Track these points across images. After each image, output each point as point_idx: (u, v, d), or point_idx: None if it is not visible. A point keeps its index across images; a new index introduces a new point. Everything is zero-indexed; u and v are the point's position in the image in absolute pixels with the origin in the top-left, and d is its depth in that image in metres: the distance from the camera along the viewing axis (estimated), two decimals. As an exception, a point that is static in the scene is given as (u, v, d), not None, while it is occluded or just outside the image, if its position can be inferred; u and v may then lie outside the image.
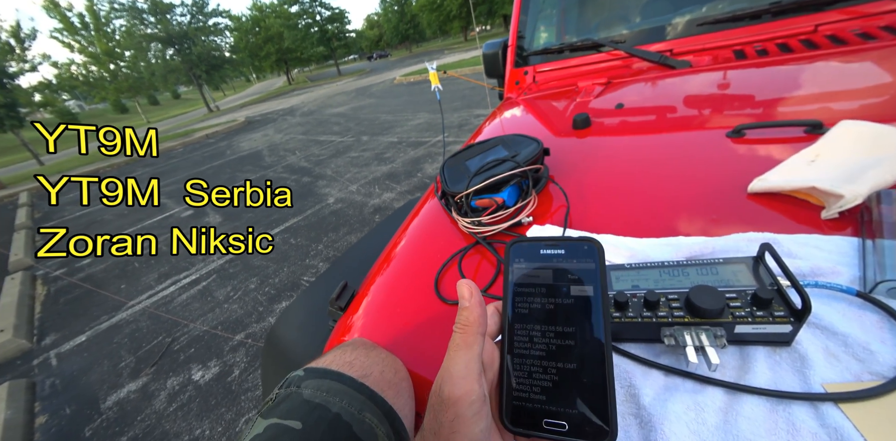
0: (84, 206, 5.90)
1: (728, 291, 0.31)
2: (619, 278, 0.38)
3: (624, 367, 0.32)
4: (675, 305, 0.32)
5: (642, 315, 0.32)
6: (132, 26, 19.59)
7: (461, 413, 0.20)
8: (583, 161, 0.69)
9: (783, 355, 0.29)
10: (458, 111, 6.19)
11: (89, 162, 10.28)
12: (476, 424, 0.21)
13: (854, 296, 0.30)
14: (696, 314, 0.30)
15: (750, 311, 0.29)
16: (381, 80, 16.99)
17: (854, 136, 0.47)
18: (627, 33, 1.24)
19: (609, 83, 1.05)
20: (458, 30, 38.14)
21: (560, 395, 0.23)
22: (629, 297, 0.34)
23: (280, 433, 0.31)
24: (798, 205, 0.43)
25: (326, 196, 3.82)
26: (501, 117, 1.16)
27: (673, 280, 0.35)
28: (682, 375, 0.30)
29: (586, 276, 0.25)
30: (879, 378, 0.25)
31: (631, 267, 0.38)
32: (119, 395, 1.85)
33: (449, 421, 0.20)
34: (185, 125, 16.52)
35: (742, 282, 0.32)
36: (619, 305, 0.33)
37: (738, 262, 0.34)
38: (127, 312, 2.57)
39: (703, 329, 0.30)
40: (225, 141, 9.39)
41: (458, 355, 0.22)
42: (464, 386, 0.21)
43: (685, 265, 0.36)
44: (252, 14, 30.41)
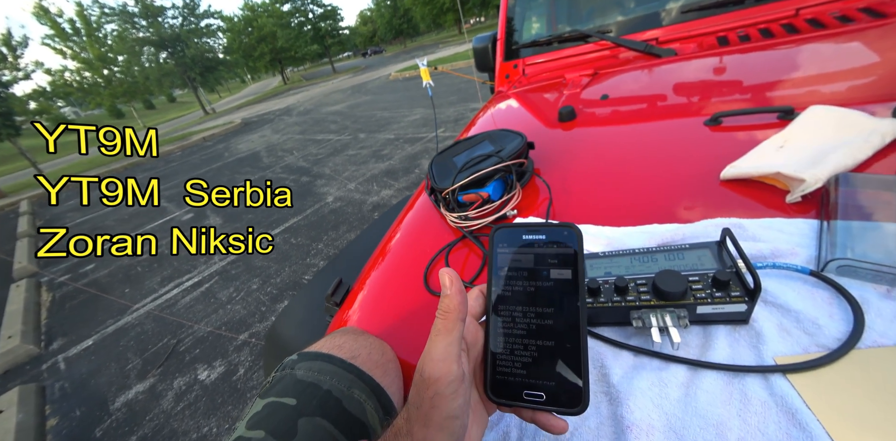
0: (86, 213, 5.93)
1: (691, 275, 0.33)
2: (594, 266, 0.39)
3: (597, 349, 0.34)
4: (643, 290, 0.34)
5: (612, 300, 0.34)
6: (124, 30, 19.44)
7: (440, 391, 0.22)
8: (567, 153, 0.70)
9: (741, 333, 0.31)
10: (454, 105, 6.17)
11: (87, 168, 10.28)
12: (454, 400, 0.23)
13: (808, 275, 0.32)
14: (662, 297, 0.32)
15: (710, 292, 0.31)
16: (376, 76, 16.89)
17: (821, 121, 0.49)
18: (616, 22, 1.24)
19: (596, 74, 1.06)
20: (452, 23, 37.76)
21: (538, 369, 0.25)
22: (601, 284, 0.36)
23: (277, 409, 0.34)
24: (765, 190, 0.45)
25: (325, 195, 3.84)
26: (491, 112, 1.17)
27: (643, 266, 0.37)
28: (648, 355, 0.32)
29: (565, 260, 0.26)
30: (825, 350, 0.27)
31: (605, 255, 0.40)
32: (127, 396, 1.89)
33: (429, 397, 0.23)
34: (182, 128, 16.48)
35: (705, 266, 0.34)
36: (592, 291, 0.35)
37: (703, 247, 0.36)
38: (132, 316, 2.60)
39: (667, 311, 0.32)
40: (223, 143, 9.38)
41: (439, 339, 0.23)
42: (442, 367, 0.22)
43: (654, 251, 0.38)
44: (244, 14, 30.13)
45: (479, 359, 0.27)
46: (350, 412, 0.35)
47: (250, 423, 0.33)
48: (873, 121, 0.46)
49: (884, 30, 0.71)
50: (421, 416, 0.23)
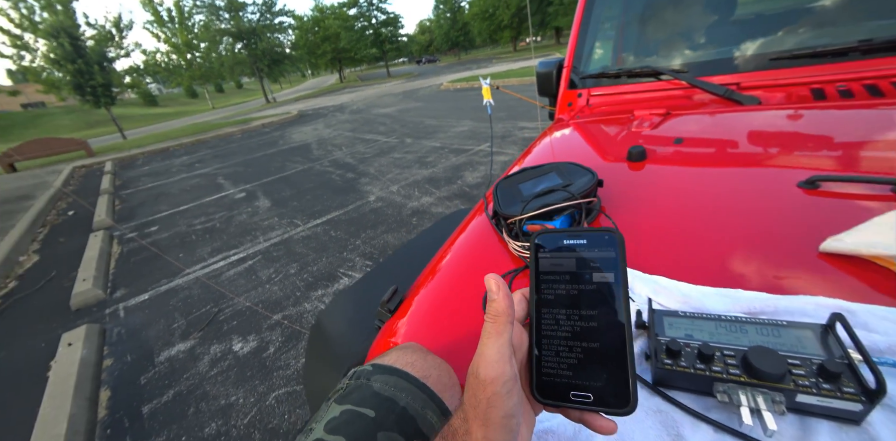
0: (156, 179, 6.54)
1: (791, 357, 0.31)
2: (672, 325, 0.37)
3: (672, 414, 0.32)
4: (731, 362, 0.32)
5: (696, 366, 0.32)
6: (209, 21, 21.47)
7: (497, 391, 0.23)
8: (636, 195, 0.68)
9: (851, 435, 0.27)
10: (503, 122, 6.27)
11: (161, 140, 11.36)
12: (510, 399, 0.24)
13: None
14: (754, 375, 0.30)
15: (815, 381, 0.28)
16: (428, 84, 17.39)
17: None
18: (690, 61, 1.17)
19: (668, 114, 1.02)
20: (508, 39, 38.33)
21: (584, 370, 0.26)
22: (682, 346, 0.34)
23: (355, 418, 0.35)
24: (878, 272, 0.40)
25: (368, 194, 4.01)
26: (552, 139, 1.15)
27: (730, 335, 0.34)
28: (733, 434, 0.30)
29: (607, 263, 0.27)
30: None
31: (685, 315, 0.38)
32: (170, 352, 2.06)
33: (486, 398, 0.24)
34: (245, 113, 17.80)
35: (808, 349, 0.31)
36: (672, 353, 0.34)
37: (804, 328, 0.33)
38: (182, 279, 2.84)
39: (760, 391, 0.29)
40: (278, 131, 10.00)
41: (491, 342, 0.25)
42: (497, 368, 0.24)
43: (744, 322, 0.35)
44: (313, 14, 32.18)
45: (525, 360, 0.28)
46: (423, 432, 0.35)
47: (328, 427, 0.34)
48: None
49: None
50: (479, 416, 0.24)
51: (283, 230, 3.42)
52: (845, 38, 0.90)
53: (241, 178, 5.61)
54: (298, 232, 3.32)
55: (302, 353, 1.89)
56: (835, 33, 0.97)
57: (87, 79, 12.47)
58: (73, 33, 12.17)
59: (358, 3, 31.18)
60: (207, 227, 3.84)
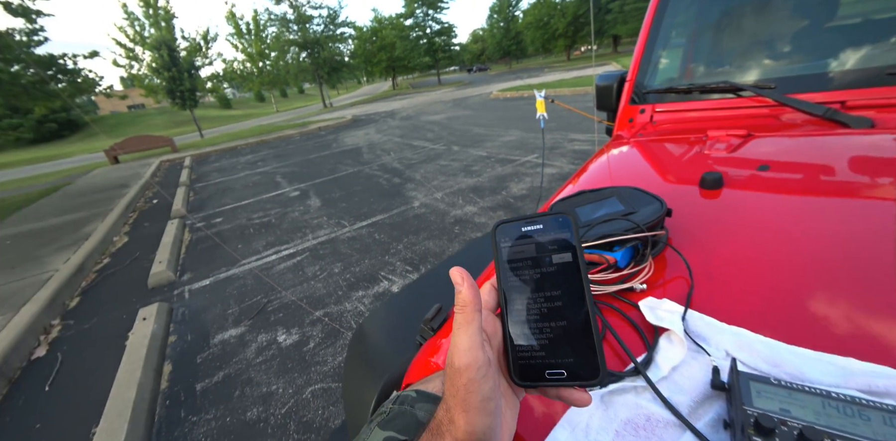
0: (224, 174, 7.21)
1: None
2: (762, 394, 0.32)
3: None
4: None
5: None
6: (280, 33, 23.53)
7: (472, 377, 0.24)
8: (710, 229, 0.60)
9: None
10: (553, 132, 6.15)
11: (231, 139, 12.57)
12: (485, 384, 0.25)
13: None
14: None
15: None
16: (478, 92, 17.55)
17: None
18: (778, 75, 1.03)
19: (749, 136, 0.90)
20: (562, 48, 37.69)
21: (556, 348, 0.27)
22: (777, 424, 0.29)
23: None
24: None
25: (412, 199, 4.11)
26: (610, 158, 1.08)
27: (844, 420, 0.28)
28: None
29: (564, 245, 0.28)
30: None
31: (780, 384, 0.32)
32: (223, 336, 2.24)
33: (463, 385, 0.25)
34: (304, 117, 19.16)
35: None
36: (762, 430, 0.29)
37: None
38: (239, 269, 3.08)
39: None
40: (333, 135, 10.60)
41: (461, 331, 0.26)
42: (470, 355, 0.25)
43: (866, 405, 0.29)
44: (372, 25, 33.95)
45: (501, 348, 0.29)
46: None
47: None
48: None
49: None
50: (459, 403, 0.25)
51: (330, 229, 3.59)
52: None
53: (296, 177, 6.00)
54: (345, 232, 3.47)
55: (339, 352, 1.96)
56: None
57: (178, 84, 14.59)
58: (171, 46, 14.32)
59: (414, 13, 32.39)
60: (264, 221, 4.14)
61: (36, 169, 15.00)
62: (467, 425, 0.25)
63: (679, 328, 0.42)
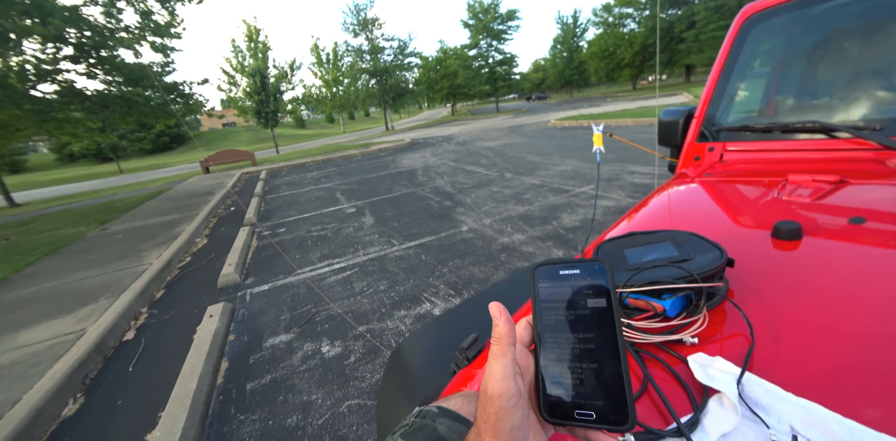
0: (293, 188, 7.93)
1: None
2: None
3: None
4: None
5: None
6: (355, 62, 26.12)
7: (503, 406, 0.26)
8: (780, 284, 0.55)
9: None
10: (611, 164, 5.96)
11: (302, 156, 13.93)
12: (516, 413, 0.26)
13: None
14: None
15: None
16: (535, 121, 17.68)
17: None
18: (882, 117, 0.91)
19: (842, 183, 0.81)
20: (628, 78, 36.95)
21: (586, 390, 0.28)
22: None
23: None
24: None
25: (461, 223, 4.17)
26: (671, 197, 1.02)
27: None
28: None
29: (599, 291, 0.29)
30: None
31: None
32: (274, 340, 2.39)
33: (494, 412, 0.26)
34: (367, 138, 20.72)
35: None
36: None
37: None
38: (295, 278, 3.31)
39: None
40: (391, 156, 11.25)
41: (496, 361, 0.27)
42: (503, 385, 0.26)
43: None
44: (438, 55, 36.22)
45: (532, 382, 0.30)
46: None
47: None
48: None
49: None
50: (489, 429, 0.26)
51: (380, 247, 3.75)
52: None
53: (354, 194, 6.42)
54: (393, 251, 3.61)
55: (377, 369, 1.99)
56: None
57: (265, 106, 16.98)
58: (264, 73, 16.86)
59: (478, 44, 34.09)
60: (321, 235, 4.45)
61: (151, 174, 18.02)
62: None
63: (733, 392, 0.39)
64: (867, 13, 1.05)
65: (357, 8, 25.29)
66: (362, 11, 25.40)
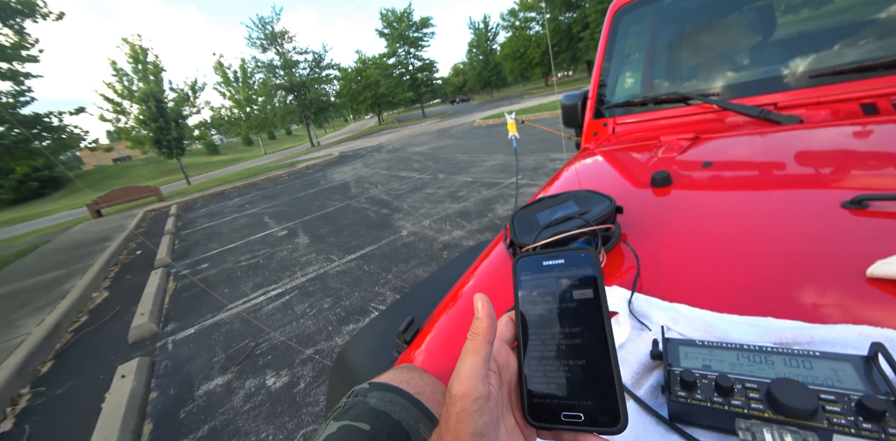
0: (212, 219, 7.18)
1: (824, 392, 0.28)
2: (689, 355, 0.35)
3: None
4: (754, 396, 0.29)
5: (713, 400, 0.30)
6: (267, 79, 24.67)
7: (465, 407, 0.23)
8: (659, 221, 0.66)
9: None
10: (534, 154, 6.34)
11: (218, 184, 12.60)
12: (479, 418, 0.23)
13: None
14: (780, 411, 0.27)
15: (854, 420, 0.26)
16: (461, 122, 18.23)
17: None
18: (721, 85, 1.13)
19: (697, 138, 0.98)
20: (540, 75, 39.85)
21: (574, 389, 0.26)
22: (698, 377, 0.31)
23: (351, 433, 0.36)
24: None
25: (401, 229, 4.12)
26: (576, 168, 1.14)
27: (753, 366, 0.32)
28: None
29: (585, 281, 0.28)
30: None
31: (703, 344, 0.36)
32: (209, 386, 2.13)
33: (455, 413, 0.24)
34: (292, 157, 19.56)
35: (844, 384, 0.29)
36: (686, 385, 0.31)
37: (842, 360, 0.30)
38: (226, 314, 2.99)
39: (788, 430, 0.27)
40: (321, 172, 10.78)
41: (467, 358, 0.25)
42: (468, 385, 0.24)
43: (770, 352, 0.33)
44: (357, 66, 35.79)
45: (514, 383, 0.28)
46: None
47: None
48: None
49: None
50: (450, 431, 0.24)
51: (319, 265, 3.55)
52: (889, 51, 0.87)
53: (284, 216, 6.02)
54: (334, 267, 3.44)
55: (330, 392, 1.87)
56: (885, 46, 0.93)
57: (165, 134, 14.61)
58: (159, 97, 14.56)
59: (396, 52, 34.31)
60: (252, 263, 4.09)
61: (13, 230, 13.76)
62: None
63: (625, 310, 0.46)
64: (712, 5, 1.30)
65: (262, 21, 23.83)
66: (268, 24, 24.01)
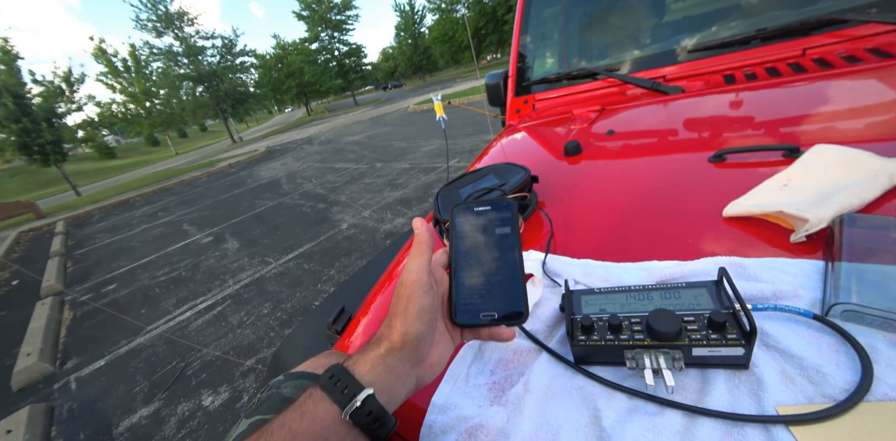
0: (114, 234, 6.21)
1: (687, 315, 0.32)
2: (589, 302, 0.39)
3: (591, 389, 0.33)
4: (637, 329, 0.33)
5: (606, 338, 0.34)
6: (168, 67, 21.38)
7: (414, 290, 0.31)
8: (571, 188, 0.71)
9: (741, 378, 0.30)
10: (470, 137, 6.37)
11: (120, 192, 10.88)
12: (425, 298, 0.31)
13: (811, 318, 0.31)
14: (656, 337, 0.31)
15: (706, 334, 0.30)
16: (395, 108, 17.73)
17: (826, 160, 0.49)
18: (624, 61, 1.26)
19: (603, 110, 1.08)
20: (470, 59, 39.91)
21: (490, 296, 0.34)
22: (595, 321, 0.35)
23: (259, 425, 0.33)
24: (769, 228, 0.44)
25: (340, 222, 3.92)
26: (501, 144, 1.20)
27: (638, 304, 0.36)
28: (643, 398, 0.31)
29: (505, 222, 0.37)
30: (831, 401, 0.26)
31: (600, 291, 0.40)
32: (132, 420, 1.86)
33: (406, 295, 0.31)
34: (210, 155, 17.50)
35: (702, 306, 0.33)
36: (586, 329, 0.35)
37: (700, 287, 0.35)
38: (145, 337, 2.63)
39: (661, 352, 0.31)
40: (246, 170, 9.85)
41: (413, 259, 0.33)
42: (416, 275, 0.32)
43: (650, 289, 0.37)
44: (275, 52, 32.77)
45: (446, 296, 0.36)
46: None
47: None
48: (881, 161, 0.45)
49: (892, 70, 0.71)
50: (400, 311, 0.31)
51: (253, 270, 3.27)
52: (747, 29, 1.00)
53: (207, 221, 5.41)
54: (270, 269, 3.18)
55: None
56: (742, 26, 1.08)
57: (34, 137, 11.72)
58: (17, 92, 11.62)
59: (319, 37, 31.89)
60: (172, 277, 3.63)
61: None
62: (402, 327, 0.30)
63: (539, 271, 0.50)
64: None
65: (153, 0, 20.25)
66: (160, 4, 20.36)
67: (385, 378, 0.29)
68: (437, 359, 0.33)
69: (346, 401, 0.27)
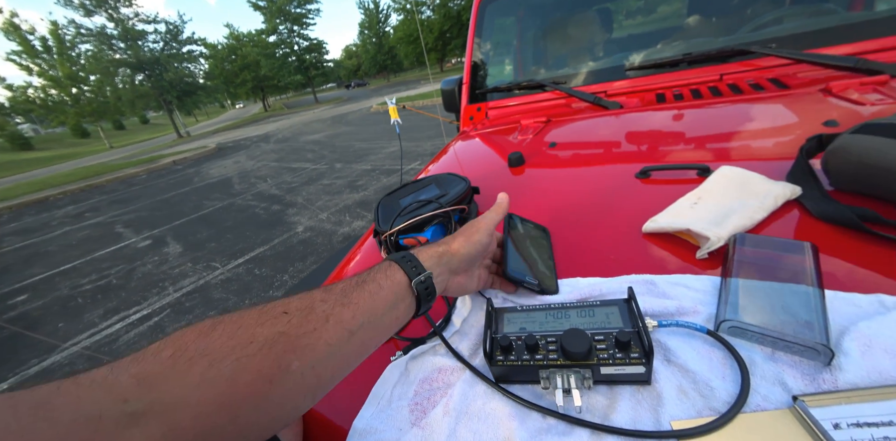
0: (28, 236, 5.48)
1: (597, 334, 0.33)
2: (510, 321, 0.39)
3: (508, 409, 0.33)
4: (552, 348, 0.34)
5: (522, 358, 0.34)
6: (99, 51, 19.26)
7: (480, 228, 0.44)
8: (513, 199, 0.72)
9: (644, 394, 0.31)
10: (432, 139, 6.38)
11: (37, 189, 9.63)
12: (485, 235, 0.43)
13: (705, 334, 0.34)
14: (569, 357, 0.32)
15: (612, 353, 0.31)
16: (357, 108, 17.34)
17: (728, 181, 0.53)
18: (571, 74, 1.31)
19: (548, 122, 1.11)
20: (435, 61, 39.99)
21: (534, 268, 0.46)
22: (513, 340, 0.35)
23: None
24: (680, 245, 0.47)
25: (296, 224, 3.75)
26: (454, 150, 1.20)
27: (556, 322, 0.37)
28: (555, 417, 0.31)
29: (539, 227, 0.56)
30: (716, 413, 0.28)
31: (521, 309, 0.40)
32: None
33: (477, 228, 0.44)
34: (152, 151, 15.96)
35: (612, 324, 0.35)
36: (505, 349, 0.35)
37: (612, 305, 0.37)
38: (61, 355, 2.34)
39: (573, 371, 0.32)
40: (193, 168, 9.14)
41: (493, 213, 0.47)
42: (490, 222, 0.45)
43: (568, 307, 0.38)
44: (229, 42, 30.80)
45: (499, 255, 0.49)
46: None
47: None
48: (769, 184, 0.50)
49: (786, 99, 0.81)
50: (465, 233, 0.43)
51: (197, 276, 3.03)
52: (678, 52, 1.08)
53: (145, 223, 4.95)
54: (217, 276, 2.97)
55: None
56: (676, 47, 1.17)
57: None
58: None
59: (277, 30, 30.33)
60: (100, 285, 3.27)
61: None
62: (462, 242, 0.42)
63: None
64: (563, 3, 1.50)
65: None
66: None
67: (435, 269, 0.38)
68: (463, 281, 0.42)
69: (415, 274, 0.36)
